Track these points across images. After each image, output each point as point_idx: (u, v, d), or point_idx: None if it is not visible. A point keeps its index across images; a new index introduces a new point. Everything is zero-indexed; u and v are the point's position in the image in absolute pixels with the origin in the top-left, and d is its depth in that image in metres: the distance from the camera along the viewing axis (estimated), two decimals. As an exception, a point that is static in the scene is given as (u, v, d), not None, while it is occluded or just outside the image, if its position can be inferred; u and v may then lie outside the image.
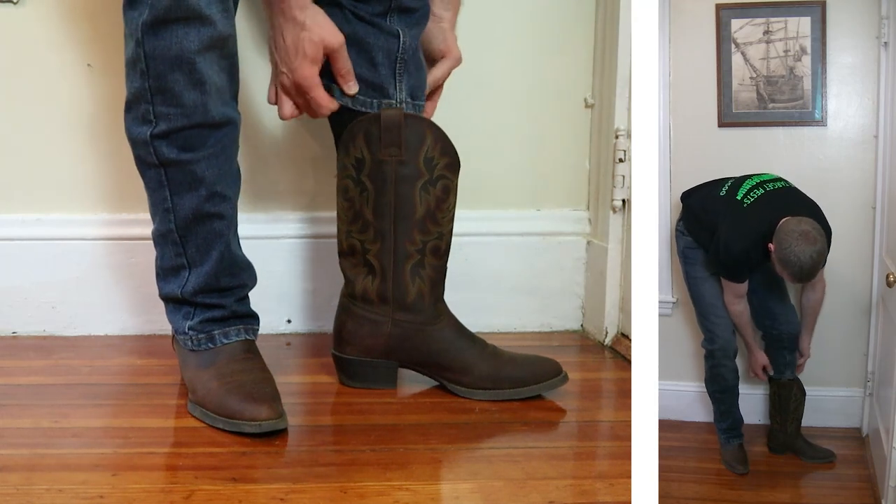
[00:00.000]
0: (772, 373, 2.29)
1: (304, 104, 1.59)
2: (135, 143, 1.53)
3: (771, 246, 2.01)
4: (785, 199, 2.08)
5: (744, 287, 2.16)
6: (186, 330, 1.58)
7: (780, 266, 2.00)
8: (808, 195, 2.12)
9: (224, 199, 1.56)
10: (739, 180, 2.17)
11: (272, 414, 1.43)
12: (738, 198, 2.11)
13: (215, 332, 1.57)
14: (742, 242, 2.07)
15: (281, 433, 1.44)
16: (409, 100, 1.64)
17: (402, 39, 1.61)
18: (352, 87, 1.60)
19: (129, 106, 1.51)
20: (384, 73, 1.62)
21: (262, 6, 1.59)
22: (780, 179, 2.15)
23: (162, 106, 1.47)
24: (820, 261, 1.98)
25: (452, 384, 1.65)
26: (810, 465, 2.27)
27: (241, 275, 1.61)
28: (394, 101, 1.62)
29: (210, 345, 1.57)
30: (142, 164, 1.54)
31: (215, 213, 1.55)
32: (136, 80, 1.48)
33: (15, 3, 1.92)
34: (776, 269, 2.03)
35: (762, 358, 2.27)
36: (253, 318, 1.63)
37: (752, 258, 2.08)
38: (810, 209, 2.06)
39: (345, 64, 1.57)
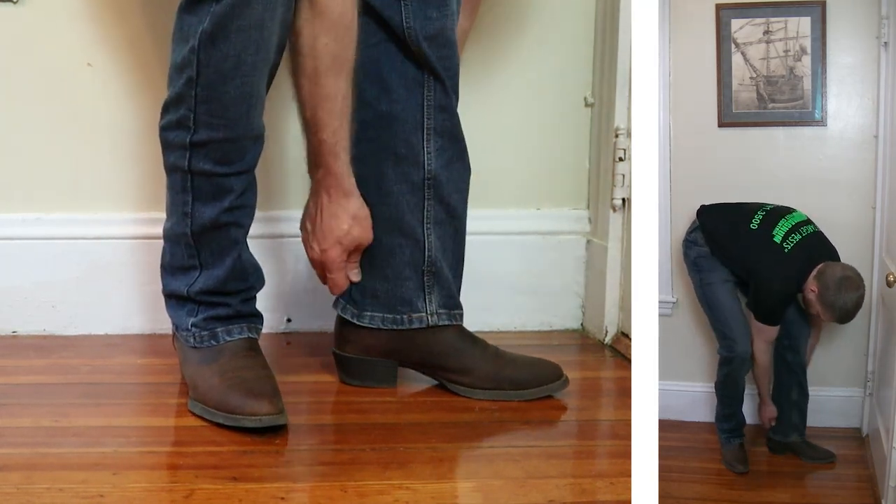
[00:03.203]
0: (773, 424, 2.32)
1: (323, 277, 1.66)
2: (169, 145, 1.51)
3: (813, 289, 2.08)
4: (819, 245, 2.16)
5: (776, 332, 2.19)
6: (189, 327, 1.58)
7: (823, 308, 2.08)
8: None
9: (244, 209, 1.55)
10: (772, 217, 2.19)
11: (272, 409, 1.43)
12: (777, 241, 2.15)
13: (218, 329, 1.57)
14: (786, 287, 2.14)
15: (281, 432, 1.44)
16: (442, 310, 1.65)
17: (426, 252, 1.64)
18: (356, 276, 1.64)
19: (167, 108, 1.49)
20: (410, 286, 1.64)
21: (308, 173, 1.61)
22: (810, 222, 2.20)
23: (206, 115, 1.44)
24: (861, 304, 2.09)
25: (453, 384, 1.65)
26: (810, 465, 2.27)
27: (249, 279, 1.60)
28: (423, 314, 1.64)
29: (213, 342, 1.56)
30: (169, 166, 1.53)
31: (234, 223, 1.54)
32: (180, 84, 1.44)
33: (15, 3, 1.92)
34: (812, 310, 2.12)
35: (772, 411, 2.31)
36: (257, 317, 1.63)
37: (792, 300, 2.17)
38: (837, 255, 2.17)
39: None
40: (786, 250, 2.13)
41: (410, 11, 1.56)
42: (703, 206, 2.29)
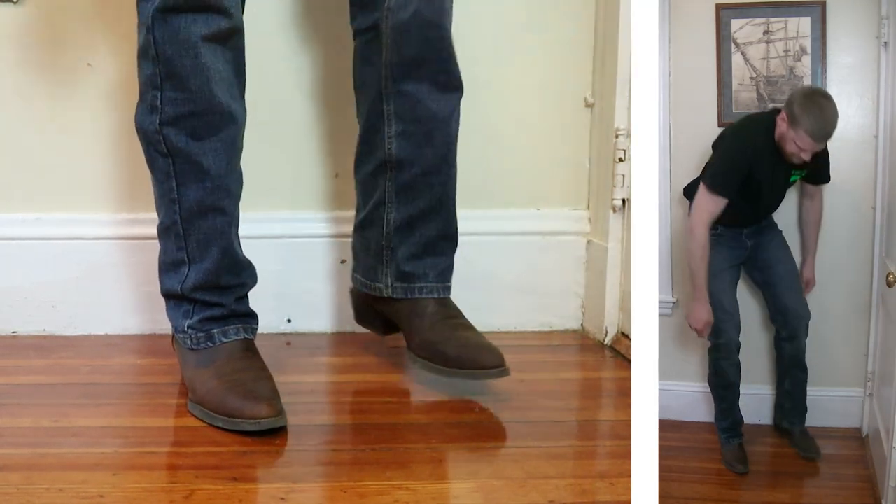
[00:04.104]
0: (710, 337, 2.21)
1: None
2: (145, 133, 1.55)
3: (782, 119, 2.03)
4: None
5: (719, 208, 2.09)
6: (186, 329, 1.58)
7: (796, 130, 1.99)
8: None
9: (228, 195, 1.57)
10: None
11: (271, 412, 1.43)
12: (735, 122, 2.16)
13: (214, 330, 1.57)
14: (745, 134, 2.09)
15: (281, 432, 1.44)
16: (397, 284, 1.69)
17: (385, 229, 1.69)
18: None
19: (141, 97, 1.54)
20: (375, 258, 1.72)
21: None
22: None
23: (171, 91, 1.50)
24: (837, 116, 2.00)
25: (406, 343, 1.69)
26: (810, 465, 2.27)
27: (241, 274, 1.61)
28: (381, 286, 1.70)
29: (209, 344, 1.57)
30: (151, 156, 1.56)
31: (219, 208, 1.56)
32: (147, 67, 1.51)
33: (15, 3, 1.92)
34: (789, 147, 2.03)
35: (706, 314, 2.14)
36: (252, 317, 1.63)
37: (757, 149, 2.07)
38: None
39: None
40: (744, 117, 2.14)
41: None
42: (686, 186, 2.28)
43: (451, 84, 1.64)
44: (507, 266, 2.08)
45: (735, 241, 2.22)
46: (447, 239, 1.71)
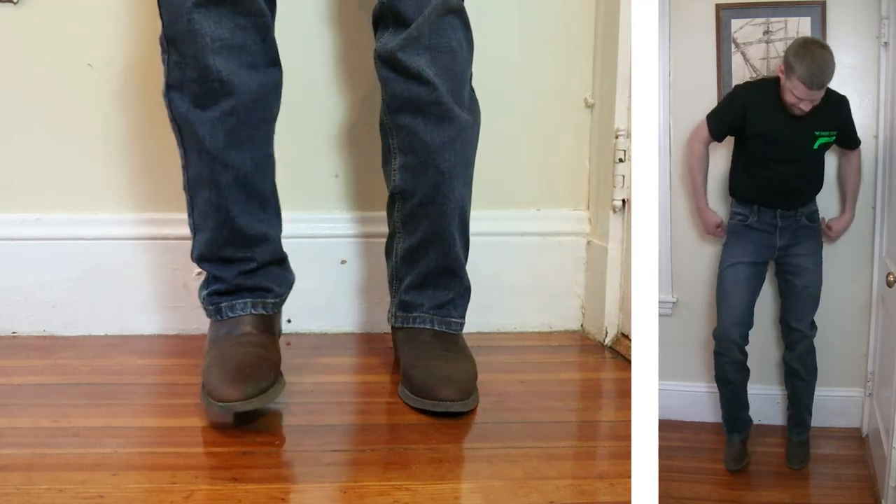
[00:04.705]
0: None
1: None
2: (163, 98, 1.56)
3: (780, 71, 2.03)
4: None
5: (708, 140, 2.16)
6: (203, 299, 1.61)
7: (791, 72, 1.99)
8: None
9: (225, 169, 1.55)
10: None
11: (236, 395, 1.39)
12: None
13: (222, 304, 1.59)
14: (746, 83, 2.14)
15: (281, 432, 1.44)
16: (399, 312, 1.73)
17: (395, 259, 1.74)
18: None
19: (162, 61, 1.56)
20: (389, 287, 1.79)
21: None
22: None
23: (174, 55, 1.51)
24: (832, 64, 2.00)
25: None
26: (811, 464, 2.27)
27: (250, 247, 1.60)
28: (389, 314, 1.76)
29: (218, 317, 1.60)
30: (171, 124, 1.58)
31: (213, 181, 1.55)
32: (161, 31, 1.52)
33: (15, 3, 1.92)
34: (788, 97, 2.03)
35: (713, 217, 2.20)
36: (265, 290, 1.62)
37: (752, 92, 2.11)
38: None
39: None
40: None
41: None
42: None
43: (445, 116, 1.61)
44: (507, 266, 2.08)
45: (764, 239, 2.18)
46: (449, 273, 1.70)
